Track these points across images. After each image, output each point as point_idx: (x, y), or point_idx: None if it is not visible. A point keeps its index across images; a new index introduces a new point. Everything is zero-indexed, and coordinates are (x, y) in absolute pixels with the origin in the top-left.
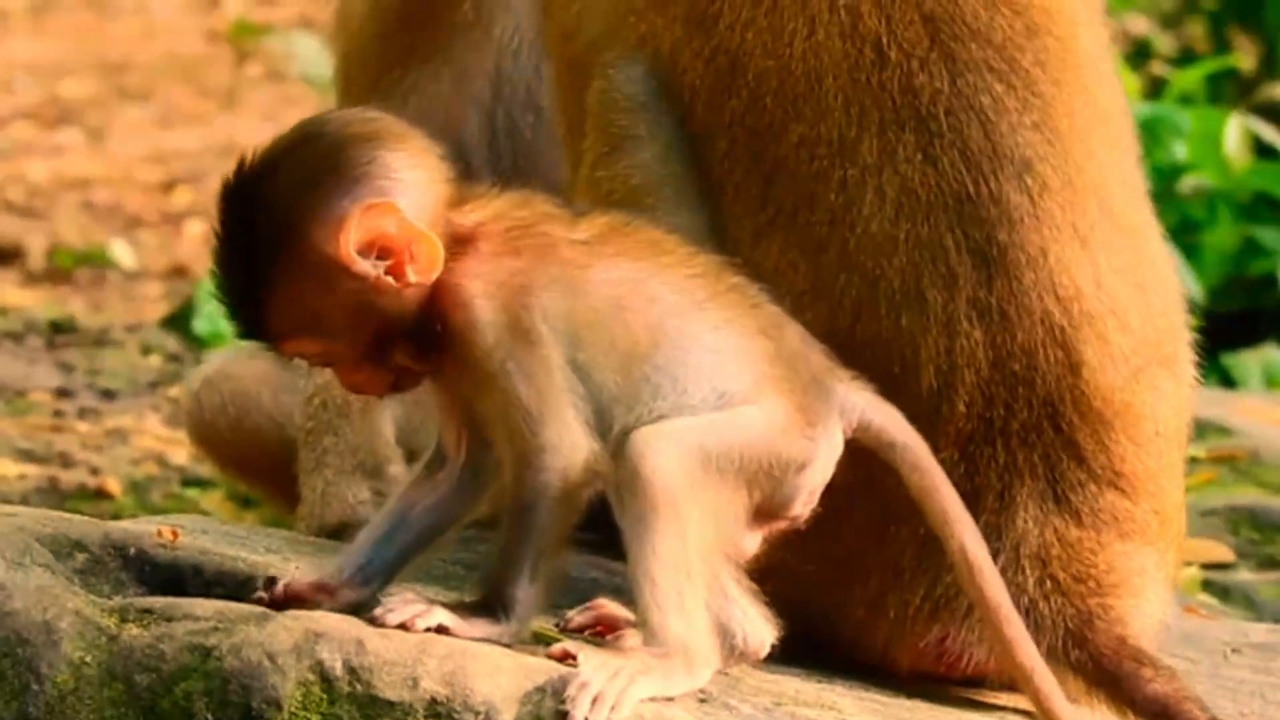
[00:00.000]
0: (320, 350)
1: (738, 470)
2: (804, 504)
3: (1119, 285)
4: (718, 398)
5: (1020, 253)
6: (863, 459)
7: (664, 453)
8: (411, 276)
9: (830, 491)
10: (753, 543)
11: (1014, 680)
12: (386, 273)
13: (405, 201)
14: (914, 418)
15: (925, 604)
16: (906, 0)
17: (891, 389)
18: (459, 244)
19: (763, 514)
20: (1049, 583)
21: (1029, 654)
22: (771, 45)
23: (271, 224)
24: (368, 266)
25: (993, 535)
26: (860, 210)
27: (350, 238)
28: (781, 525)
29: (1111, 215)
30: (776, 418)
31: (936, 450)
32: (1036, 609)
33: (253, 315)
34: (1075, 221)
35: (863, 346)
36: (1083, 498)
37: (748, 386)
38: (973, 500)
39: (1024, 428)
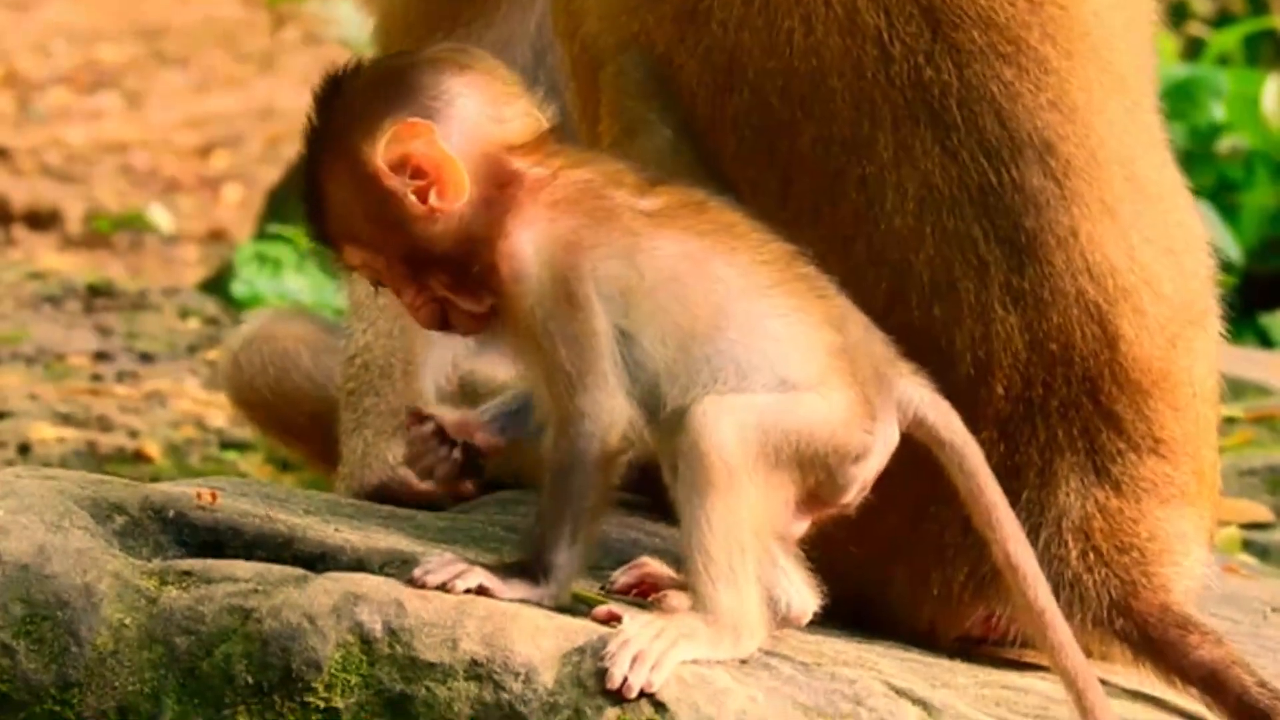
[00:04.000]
0: (364, 262)
1: (795, 454)
2: (856, 493)
3: (1151, 255)
4: (779, 384)
5: (1050, 236)
6: (907, 439)
7: (725, 426)
8: (434, 201)
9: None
10: (800, 528)
11: (1060, 680)
12: (413, 192)
13: (448, 128)
14: (952, 402)
15: (970, 582)
16: None
17: (929, 376)
18: (517, 188)
19: (814, 500)
20: (1092, 554)
21: (1074, 658)
22: (770, 44)
23: (331, 126)
24: (398, 182)
25: (1035, 510)
26: (883, 206)
27: (383, 149)
28: (831, 512)
29: (1137, 183)
30: (838, 408)
31: (976, 431)
32: (1080, 581)
33: (314, 216)
34: (1103, 196)
35: (897, 336)
36: (1123, 467)
37: (811, 375)
38: (1013, 477)
39: (1063, 404)
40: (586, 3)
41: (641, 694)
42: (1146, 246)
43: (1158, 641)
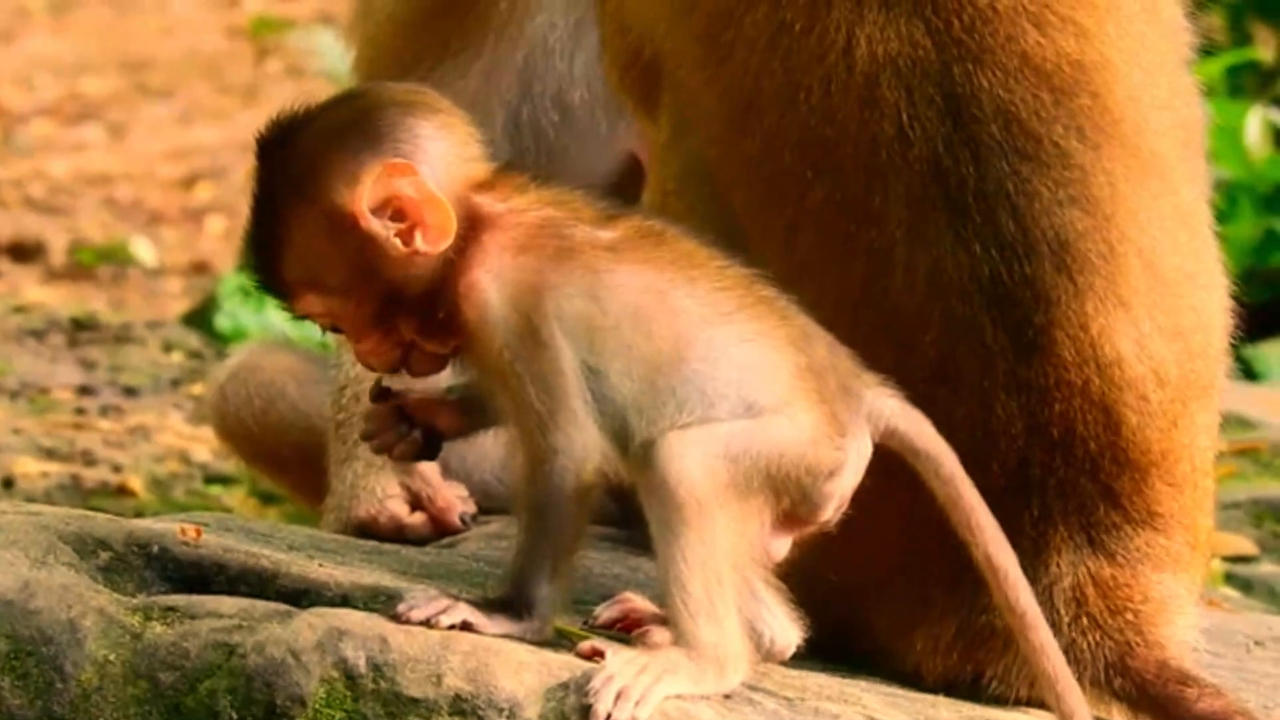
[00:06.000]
0: (326, 310)
1: (765, 477)
2: (834, 509)
3: (1160, 343)
4: (746, 409)
5: (1060, 330)
6: (891, 482)
7: (690, 459)
8: (419, 243)
9: (860, 513)
10: (783, 547)
11: (1039, 686)
12: (395, 235)
13: (426, 169)
14: None
15: (959, 640)
16: (926, 75)
17: None
18: (481, 228)
19: (793, 520)
20: (1085, 619)
21: (1054, 660)
22: (788, 98)
23: (294, 171)
24: (379, 226)
25: (1027, 578)
26: (891, 280)
27: (366, 193)
28: (811, 530)
29: (1155, 271)
30: (806, 427)
31: None
32: (1075, 645)
33: (267, 264)
34: (1118, 289)
35: None
36: (1117, 539)
37: (777, 397)
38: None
39: (1060, 483)
40: (630, 14)
41: None
42: (1157, 334)
43: (1158, 698)
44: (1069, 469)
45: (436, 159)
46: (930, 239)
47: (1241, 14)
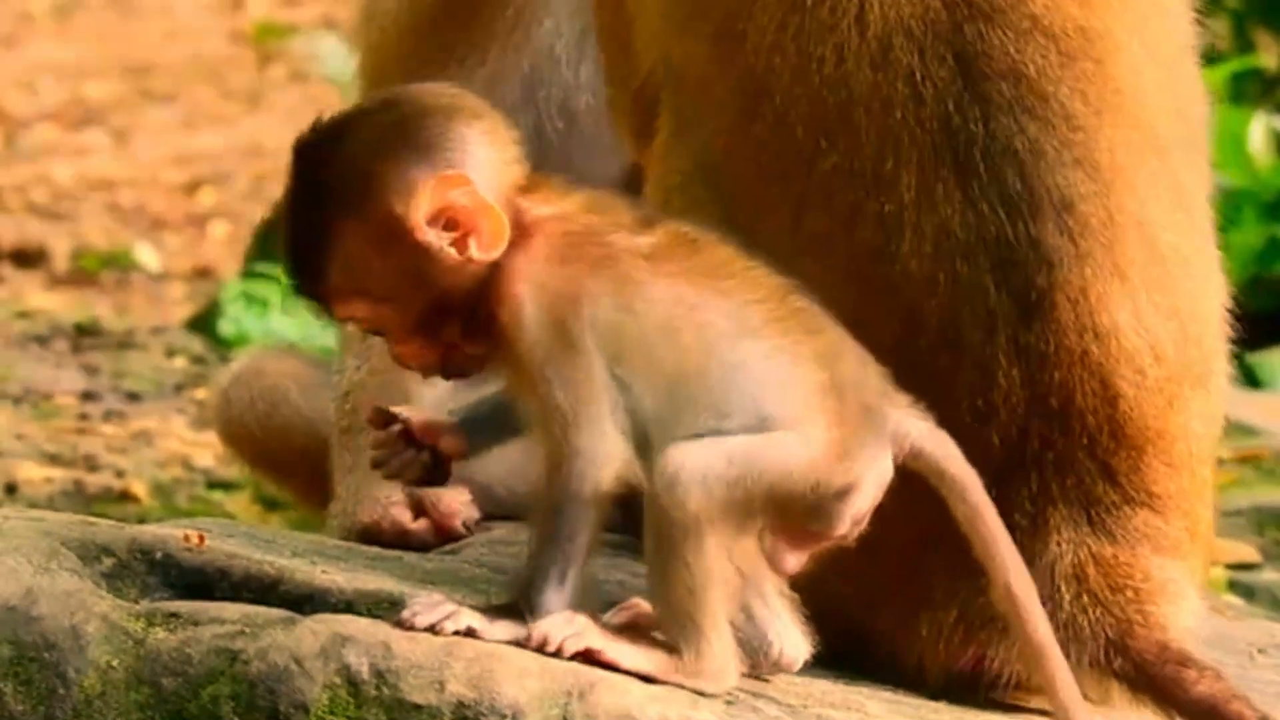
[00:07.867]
0: (372, 315)
1: (767, 493)
2: (850, 526)
3: (1156, 319)
4: (759, 424)
5: (1060, 294)
6: (909, 477)
7: (686, 474)
8: (474, 251)
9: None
10: (796, 561)
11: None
12: (450, 245)
13: (477, 176)
14: None
15: (960, 624)
16: (938, 35)
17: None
18: (523, 232)
19: (808, 534)
20: (1086, 597)
21: (1070, 693)
22: (800, 70)
23: (344, 183)
24: (433, 236)
25: (1027, 558)
26: (900, 246)
27: (422, 205)
28: (828, 545)
29: (1153, 246)
30: (815, 444)
31: None
32: (1075, 622)
33: (312, 272)
34: (1116, 258)
35: (901, 378)
36: (1116, 519)
37: (791, 413)
38: (1005, 524)
39: (1059, 457)
40: (638, 23)
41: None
42: (1153, 310)
43: (1156, 679)
44: (1067, 441)
45: (485, 166)
46: (939, 200)
47: (1245, 21)
